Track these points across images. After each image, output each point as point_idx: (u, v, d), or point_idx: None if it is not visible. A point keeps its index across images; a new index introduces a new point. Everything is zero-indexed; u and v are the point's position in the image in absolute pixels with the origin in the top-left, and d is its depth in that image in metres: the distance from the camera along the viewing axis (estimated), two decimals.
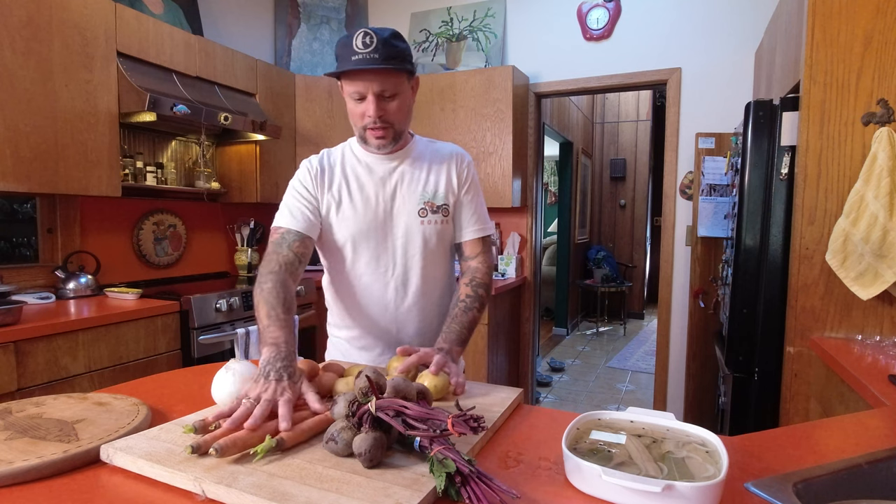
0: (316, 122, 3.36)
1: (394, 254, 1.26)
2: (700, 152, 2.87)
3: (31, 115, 1.96)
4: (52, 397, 0.95)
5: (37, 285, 2.29)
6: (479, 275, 1.28)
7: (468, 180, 1.30)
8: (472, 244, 1.31)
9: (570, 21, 3.23)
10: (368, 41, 1.07)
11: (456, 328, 1.18)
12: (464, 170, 1.30)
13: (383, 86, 1.11)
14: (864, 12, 1.63)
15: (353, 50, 1.08)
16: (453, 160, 1.30)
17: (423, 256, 1.26)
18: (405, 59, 1.13)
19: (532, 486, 0.70)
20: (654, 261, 6.92)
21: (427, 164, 1.28)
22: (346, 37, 1.11)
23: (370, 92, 1.11)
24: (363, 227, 1.24)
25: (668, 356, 3.13)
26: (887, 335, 1.62)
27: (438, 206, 1.26)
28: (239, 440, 0.73)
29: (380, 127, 1.15)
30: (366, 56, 1.07)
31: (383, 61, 1.08)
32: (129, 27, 2.30)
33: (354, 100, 1.14)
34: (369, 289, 1.28)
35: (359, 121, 1.17)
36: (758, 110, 1.88)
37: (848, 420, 1.05)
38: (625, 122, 6.89)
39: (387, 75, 1.10)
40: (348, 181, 1.25)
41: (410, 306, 1.28)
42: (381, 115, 1.14)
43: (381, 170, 1.25)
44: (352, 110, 1.17)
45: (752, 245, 1.91)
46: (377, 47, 1.07)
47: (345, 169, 1.26)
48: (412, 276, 1.27)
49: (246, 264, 3.14)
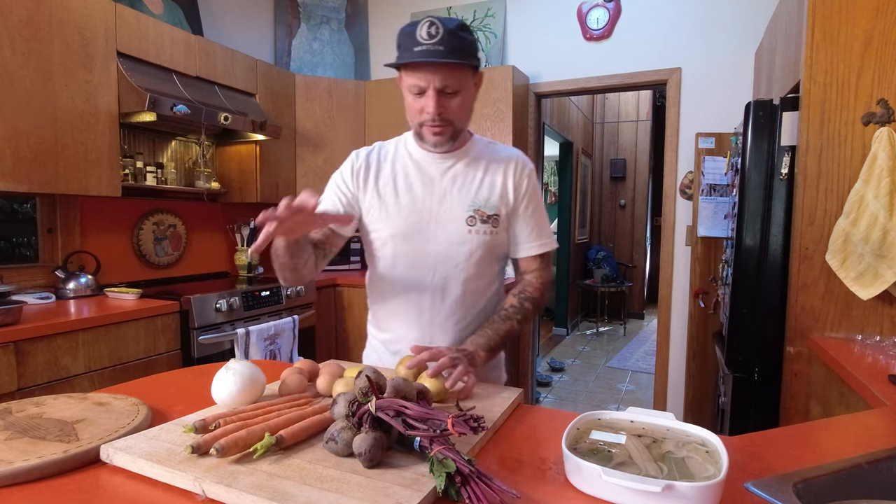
0: (316, 122, 3.36)
1: (434, 260, 1.17)
2: (700, 152, 2.87)
3: (31, 115, 1.96)
4: (52, 397, 0.96)
5: (37, 285, 2.29)
6: (531, 289, 1.21)
7: (528, 191, 1.20)
8: (529, 260, 1.23)
9: (570, 21, 3.23)
10: (434, 31, 1.00)
11: (488, 333, 1.13)
12: (523, 179, 1.19)
13: (446, 81, 1.03)
14: (864, 12, 1.63)
15: (417, 40, 1.00)
16: (511, 166, 1.19)
17: (467, 267, 1.17)
18: (471, 53, 1.06)
19: (532, 486, 0.70)
20: (654, 261, 6.92)
21: (483, 167, 1.18)
22: (410, 25, 1.04)
23: (431, 86, 1.03)
24: (405, 228, 1.17)
25: (668, 356, 3.13)
26: (887, 335, 1.62)
27: (489, 215, 1.16)
28: (240, 440, 0.73)
29: (438, 124, 1.08)
30: (430, 48, 1.00)
31: (448, 54, 1.00)
32: (129, 27, 2.30)
33: (413, 93, 1.07)
34: (406, 294, 1.20)
35: (416, 116, 1.10)
36: (758, 110, 1.88)
37: (848, 420, 1.05)
38: (625, 122, 6.89)
39: (450, 70, 1.03)
40: (396, 178, 1.19)
41: (447, 316, 1.19)
42: (440, 111, 1.06)
43: (433, 169, 1.18)
44: (409, 104, 1.10)
45: (752, 245, 1.91)
46: (442, 38, 1.00)
47: (395, 165, 1.20)
48: (452, 286, 1.18)
49: (246, 264, 3.14)
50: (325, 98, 3.36)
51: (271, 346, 2.55)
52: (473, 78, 1.11)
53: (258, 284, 2.73)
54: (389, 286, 1.23)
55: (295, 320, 2.71)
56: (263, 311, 2.60)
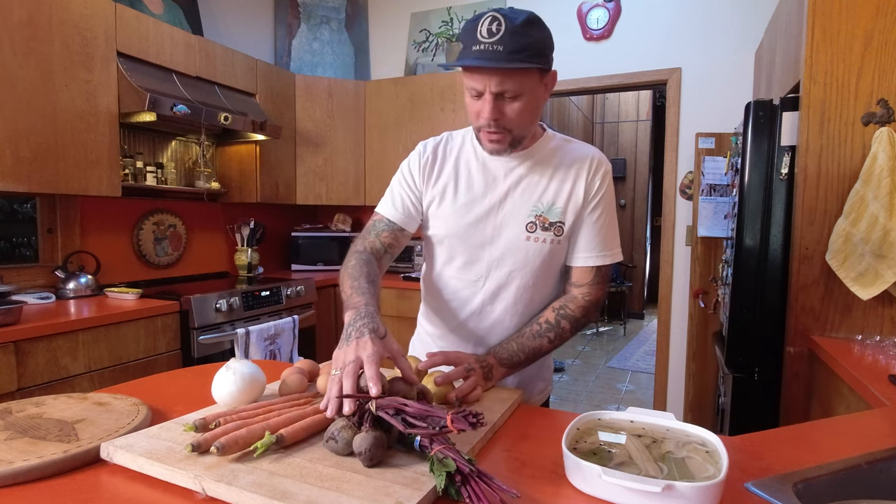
0: (316, 122, 3.36)
1: (488, 265, 1.11)
2: (700, 152, 2.87)
3: (31, 115, 1.96)
4: (52, 397, 0.96)
5: (37, 285, 2.29)
6: (573, 306, 1.10)
7: (599, 194, 1.09)
8: (583, 272, 1.11)
9: (570, 21, 3.23)
10: (495, 29, 0.89)
11: (513, 348, 1.05)
12: (595, 181, 1.09)
13: (504, 85, 0.93)
14: (864, 12, 1.63)
15: (477, 37, 0.91)
16: (585, 167, 1.08)
17: (522, 276, 1.10)
18: (538, 53, 0.93)
19: (532, 486, 0.70)
20: (654, 261, 6.92)
21: (552, 169, 1.09)
22: (474, 19, 0.93)
23: (488, 90, 0.94)
24: (461, 228, 1.11)
25: (668, 356, 3.13)
26: (887, 335, 1.62)
27: (552, 222, 1.08)
28: (240, 438, 0.73)
29: (495, 131, 0.99)
30: (488, 47, 0.90)
31: (508, 55, 0.90)
32: (129, 27, 2.30)
33: (472, 95, 0.98)
34: (457, 294, 1.15)
35: (474, 119, 1.01)
36: (758, 110, 1.88)
37: (848, 420, 1.05)
38: (625, 122, 6.89)
39: (510, 73, 0.92)
40: (458, 175, 1.12)
41: (496, 322, 1.13)
42: (496, 118, 0.97)
43: (498, 169, 1.10)
44: (468, 105, 1.01)
45: (752, 245, 1.91)
46: (503, 37, 0.89)
47: (458, 161, 1.13)
48: (504, 293, 1.11)
49: (246, 264, 3.14)
50: (325, 98, 3.36)
51: (271, 346, 2.55)
52: (543, 79, 1.00)
53: (258, 284, 2.73)
54: (443, 284, 1.18)
55: (295, 320, 2.71)
56: (263, 311, 2.60)
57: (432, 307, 1.22)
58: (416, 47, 3.64)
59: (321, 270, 3.39)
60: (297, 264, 3.43)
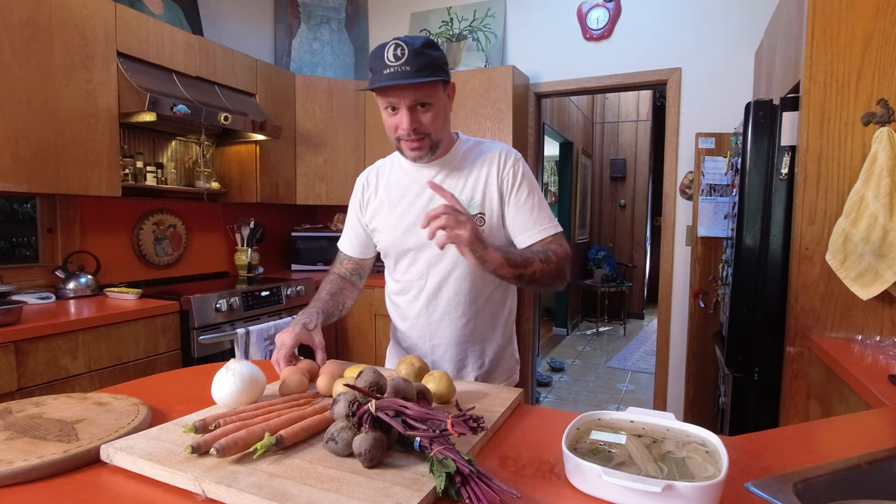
0: (316, 122, 3.36)
1: (427, 264, 1.24)
2: (700, 152, 2.87)
3: (31, 115, 1.96)
4: (52, 397, 0.96)
5: (37, 285, 2.29)
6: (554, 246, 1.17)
7: (516, 180, 1.20)
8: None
9: (570, 21, 3.23)
10: (399, 53, 1.04)
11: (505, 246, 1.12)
12: (507, 170, 1.20)
13: (416, 97, 1.08)
14: (864, 12, 1.63)
15: (385, 63, 1.05)
16: (495, 162, 1.21)
17: (459, 269, 1.22)
18: (439, 68, 1.09)
19: (532, 486, 0.70)
20: (654, 261, 6.92)
21: (467, 169, 1.21)
22: (378, 48, 1.07)
23: (403, 104, 1.08)
24: (398, 237, 1.25)
25: (668, 356, 3.13)
26: (887, 335, 1.62)
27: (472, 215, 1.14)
28: (240, 440, 0.73)
29: (415, 139, 1.12)
30: (397, 69, 1.04)
31: (416, 73, 1.04)
32: (129, 27, 2.30)
33: (388, 111, 1.12)
34: (405, 296, 1.30)
35: (393, 132, 1.14)
36: (758, 110, 1.88)
37: (848, 420, 1.05)
38: (625, 122, 6.89)
39: (419, 87, 1.07)
40: (389, 191, 1.27)
41: (444, 314, 1.25)
42: (415, 126, 1.10)
43: (421, 179, 1.22)
44: (386, 121, 1.14)
45: (752, 245, 1.91)
46: (408, 59, 1.04)
47: (389, 179, 1.28)
48: (445, 287, 1.23)
49: (246, 264, 3.14)
50: (325, 98, 3.36)
51: (271, 346, 2.55)
52: (445, 90, 1.15)
53: (258, 284, 2.73)
54: (395, 286, 1.33)
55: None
56: (263, 311, 2.60)
57: (394, 305, 1.37)
58: None
59: (321, 270, 3.39)
60: (296, 264, 3.43)
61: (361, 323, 3.18)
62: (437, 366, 1.29)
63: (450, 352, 1.27)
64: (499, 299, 1.30)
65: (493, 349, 1.31)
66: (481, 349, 1.29)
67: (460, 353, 1.27)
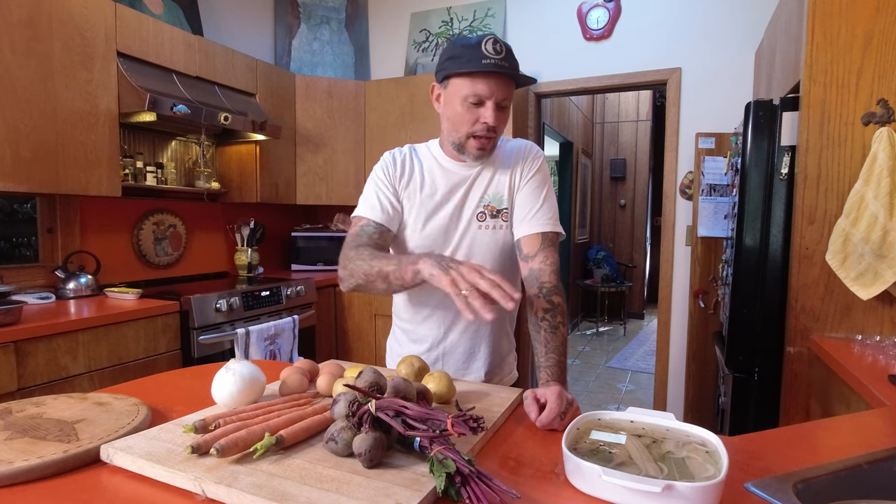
0: (316, 122, 3.36)
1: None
2: (700, 152, 2.87)
3: (31, 115, 1.96)
4: (52, 397, 0.96)
5: (37, 285, 2.29)
6: (546, 278, 1.14)
7: (532, 171, 1.20)
8: (530, 240, 1.17)
9: (570, 21, 3.22)
10: (499, 48, 1.05)
11: (555, 358, 1.06)
12: (528, 163, 1.21)
13: (505, 94, 1.08)
14: (864, 12, 1.63)
15: (483, 53, 1.04)
16: (519, 157, 1.21)
17: (479, 263, 1.14)
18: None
19: (532, 486, 0.70)
20: (654, 261, 6.92)
21: (494, 166, 1.21)
22: (469, 38, 1.07)
23: (493, 98, 1.07)
24: (428, 231, 1.21)
25: (668, 356, 3.13)
26: (887, 335, 1.62)
27: (499, 209, 1.19)
28: (240, 440, 0.73)
29: (487, 136, 1.11)
30: (498, 62, 1.03)
31: (512, 71, 1.05)
32: (129, 27, 2.30)
33: (470, 103, 1.08)
34: (424, 289, 1.16)
35: (467, 126, 1.11)
36: (758, 110, 1.88)
37: (848, 420, 1.05)
38: (625, 122, 6.89)
39: (510, 85, 1.09)
40: (423, 182, 1.22)
41: (459, 313, 1.20)
42: (496, 124, 1.10)
43: (456, 176, 1.21)
44: (461, 114, 1.10)
45: (752, 245, 1.91)
46: (507, 56, 1.05)
47: (423, 171, 1.23)
48: None
49: (246, 264, 3.14)
50: (325, 98, 3.36)
51: (271, 346, 2.55)
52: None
53: (258, 284, 2.73)
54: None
55: (295, 320, 2.71)
56: (263, 311, 2.60)
57: (402, 302, 1.32)
58: (417, 47, 3.64)
59: (321, 270, 3.39)
60: (297, 264, 3.43)
61: (361, 323, 3.18)
62: (448, 353, 1.26)
63: (461, 346, 1.26)
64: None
65: (507, 342, 1.33)
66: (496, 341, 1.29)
67: (472, 348, 1.27)
